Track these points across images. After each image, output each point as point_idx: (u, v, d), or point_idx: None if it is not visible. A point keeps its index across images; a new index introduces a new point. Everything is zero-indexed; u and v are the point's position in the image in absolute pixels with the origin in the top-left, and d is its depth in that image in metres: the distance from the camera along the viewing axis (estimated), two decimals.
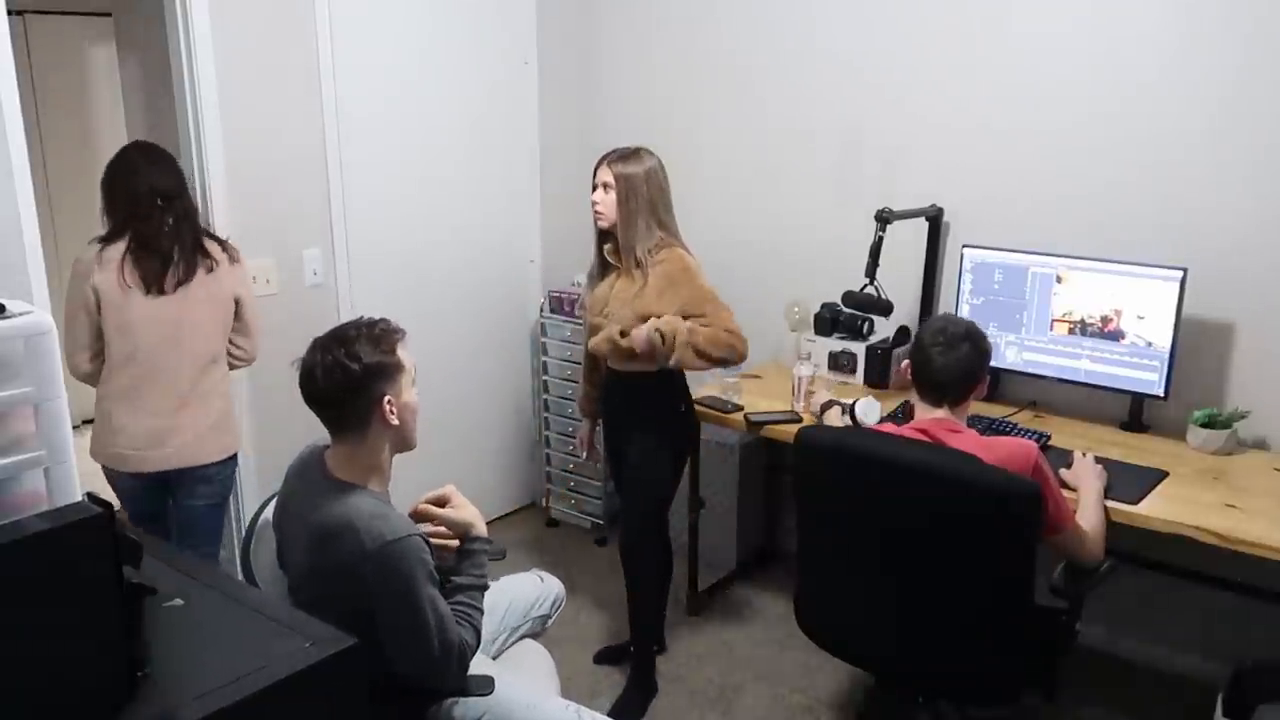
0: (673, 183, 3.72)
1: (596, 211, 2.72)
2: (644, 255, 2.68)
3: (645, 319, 2.65)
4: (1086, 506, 2.27)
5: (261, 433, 3.22)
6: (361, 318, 1.96)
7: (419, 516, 2.02)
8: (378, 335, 1.90)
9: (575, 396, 3.79)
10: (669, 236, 2.74)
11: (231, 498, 3.25)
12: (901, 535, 2.11)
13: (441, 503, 2.05)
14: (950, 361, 2.16)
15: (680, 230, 2.81)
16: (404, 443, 1.98)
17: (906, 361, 2.29)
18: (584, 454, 3.24)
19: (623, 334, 2.68)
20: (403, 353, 1.93)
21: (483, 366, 3.87)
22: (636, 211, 2.67)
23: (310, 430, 2.41)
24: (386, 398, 1.89)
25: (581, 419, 3.21)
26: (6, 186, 2.42)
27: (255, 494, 3.21)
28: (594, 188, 2.74)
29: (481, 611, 1.97)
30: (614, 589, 3.38)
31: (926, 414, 2.21)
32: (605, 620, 3.30)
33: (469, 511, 2.04)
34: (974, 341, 2.19)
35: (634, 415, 2.84)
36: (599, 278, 2.82)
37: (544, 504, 4.11)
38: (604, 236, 2.77)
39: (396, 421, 1.91)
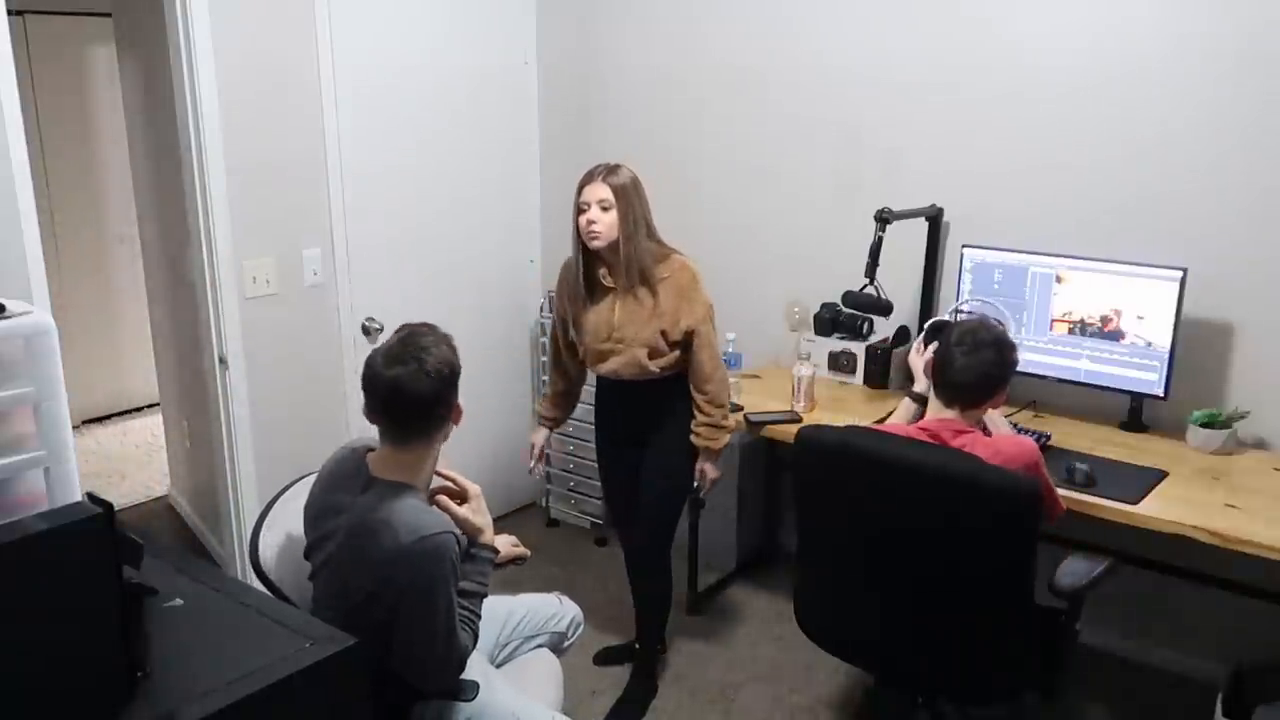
0: (672, 183, 3.75)
1: (593, 232, 2.56)
2: (649, 270, 2.61)
3: (665, 336, 2.61)
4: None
5: (259, 431, 3.22)
6: (413, 325, 1.97)
7: (436, 502, 2.03)
8: (443, 339, 1.94)
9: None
10: (663, 246, 2.68)
11: (230, 495, 3.26)
12: (901, 535, 2.11)
13: (462, 499, 2.06)
14: (971, 364, 2.17)
15: (677, 232, 2.79)
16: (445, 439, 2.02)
17: (930, 357, 2.33)
18: (533, 466, 2.97)
19: (650, 355, 2.63)
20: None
21: (483, 366, 3.87)
22: (637, 225, 2.58)
23: (308, 432, 2.41)
24: (457, 403, 1.96)
25: (538, 428, 2.99)
26: (6, 187, 2.42)
27: (254, 493, 3.20)
28: (583, 207, 2.58)
29: (479, 617, 1.98)
30: (614, 589, 3.38)
31: (937, 414, 2.21)
32: (605, 620, 3.30)
33: (483, 519, 2.05)
34: (1000, 349, 2.20)
35: (653, 422, 2.76)
36: (588, 301, 2.68)
37: (544, 504, 4.11)
38: (590, 258, 2.65)
39: (457, 424, 1.98)
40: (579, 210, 2.60)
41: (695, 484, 2.82)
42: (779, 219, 3.53)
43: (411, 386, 1.86)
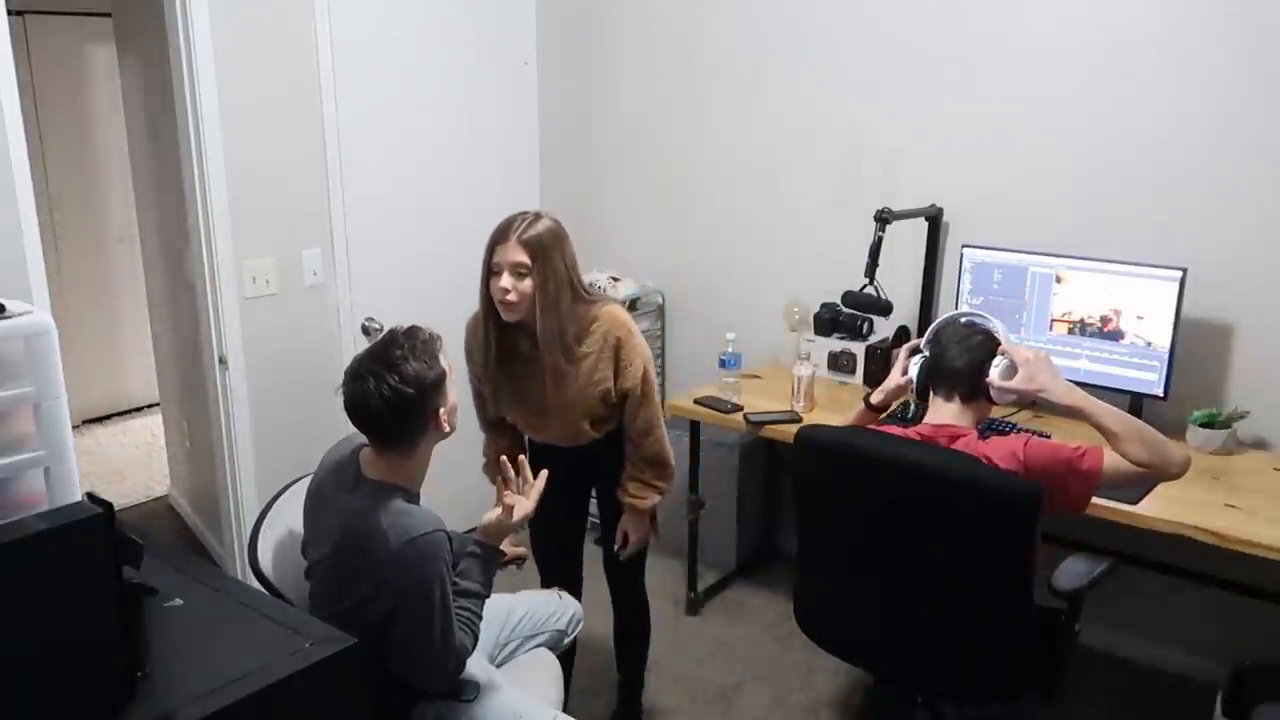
0: (672, 183, 3.76)
1: (507, 302, 2.22)
2: (571, 346, 2.29)
3: (605, 400, 2.36)
4: (1105, 428, 2.07)
5: (259, 431, 3.22)
6: (396, 331, 1.93)
7: (503, 502, 2.07)
8: (420, 349, 1.89)
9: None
10: (590, 301, 2.35)
11: (230, 495, 3.26)
12: (900, 535, 2.10)
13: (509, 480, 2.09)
14: (965, 349, 2.17)
15: (677, 232, 2.75)
16: (445, 437, 2.00)
17: (909, 378, 2.30)
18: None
19: (591, 424, 2.40)
20: (443, 358, 1.94)
21: None
22: (560, 291, 2.24)
23: (308, 432, 2.40)
24: (440, 410, 1.91)
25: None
26: (6, 187, 2.42)
27: (254, 493, 3.20)
28: (495, 271, 2.23)
29: (480, 618, 1.98)
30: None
31: (936, 415, 2.20)
32: (603, 620, 3.29)
33: (506, 525, 2.06)
34: (992, 338, 2.20)
35: (607, 466, 2.50)
36: (506, 371, 2.37)
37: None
38: (515, 328, 2.29)
39: (448, 429, 1.95)
40: (489, 271, 2.26)
41: (615, 547, 2.55)
42: (779, 219, 3.53)
43: (369, 405, 1.85)
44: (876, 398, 2.45)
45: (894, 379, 2.39)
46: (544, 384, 2.32)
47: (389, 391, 1.84)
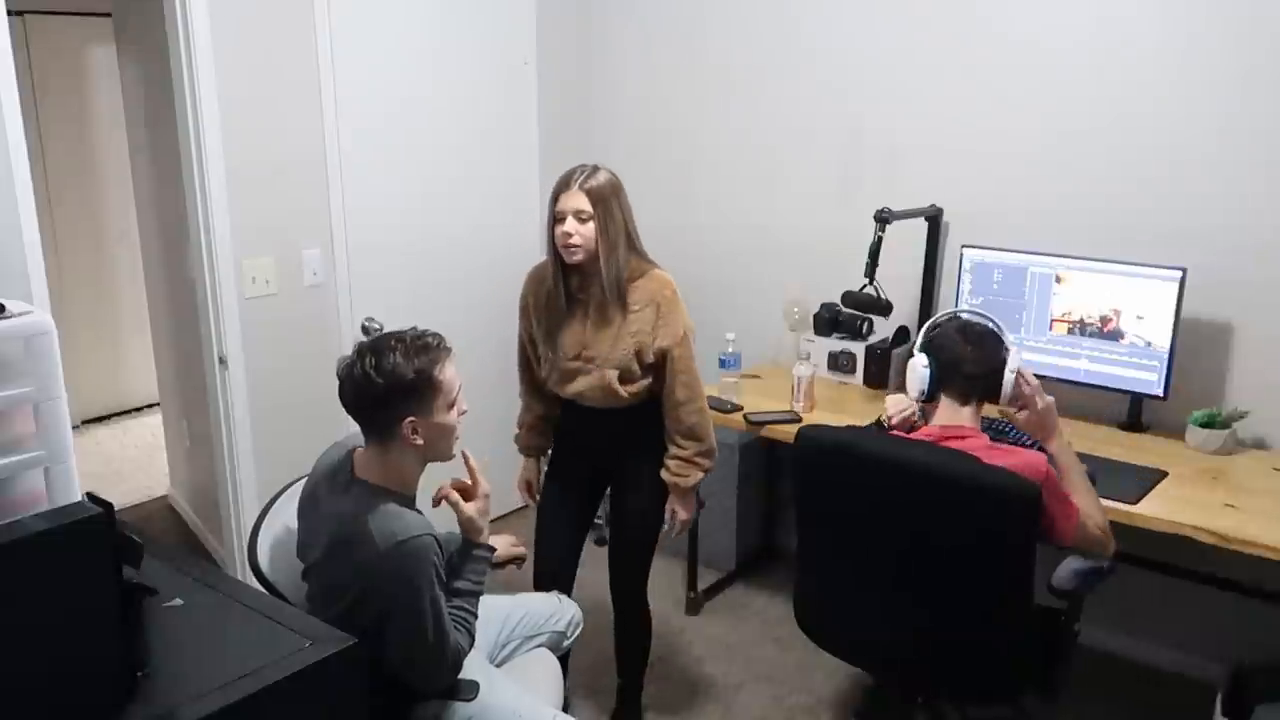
0: (672, 183, 3.76)
1: (571, 245, 2.35)
2: (624, 287, 2.40)
3: (639, 358, 2.41)
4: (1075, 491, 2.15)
5: (259, 431, 3.22)
6: (410, 329, 1.93)
7: (445, 498, 2.01)
8: (411, 350, 1.87)
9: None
10: (644, 259, 2.47)
11: (230, 495, 3.26)
12: (901, 535, 2.11)
13: (468, 494, 2.03)
14: (981, 355, 2.15)
15: (677, 231, 2.77)
16: (433, 458, 1.96)
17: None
18: (526, 498, 2.80)
19: (621, 379, 2.43)
20: (441, 372, 1.89)
21: (482, 366, 3.87)
22: (618, 237, 2.38)
23: (308, 429, 2.39)
24: (408, 419, 1.86)
25: (525, 461, 2.80)
26: (6, 187, 2.42)
27: (254, 493, 3.20)
28: (558, 217, 2.37)
29: (476, 616, 1.98)
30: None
31: (948, 417, 2.18)
32: (603, 621, 3.30)
33: (484, 520, 2.04)
34: (1000, 337, 2.20)
35: (630, 448, 2.56)
36: (562, 315, 2.48)
37: None
38: (568, 269, 2.43)
39: (420, 443, 1.89)
40: (554, 219, 2.39)
41: (665, 526, 2.62)
42: (779, 219, 3.53)
43: (346, 382, 1.89)
44: (895, 422, 2.34)
45: (905, 405, 2.32)
46: (586, 325, 2.43)
47: (360, 374, 1.86)
